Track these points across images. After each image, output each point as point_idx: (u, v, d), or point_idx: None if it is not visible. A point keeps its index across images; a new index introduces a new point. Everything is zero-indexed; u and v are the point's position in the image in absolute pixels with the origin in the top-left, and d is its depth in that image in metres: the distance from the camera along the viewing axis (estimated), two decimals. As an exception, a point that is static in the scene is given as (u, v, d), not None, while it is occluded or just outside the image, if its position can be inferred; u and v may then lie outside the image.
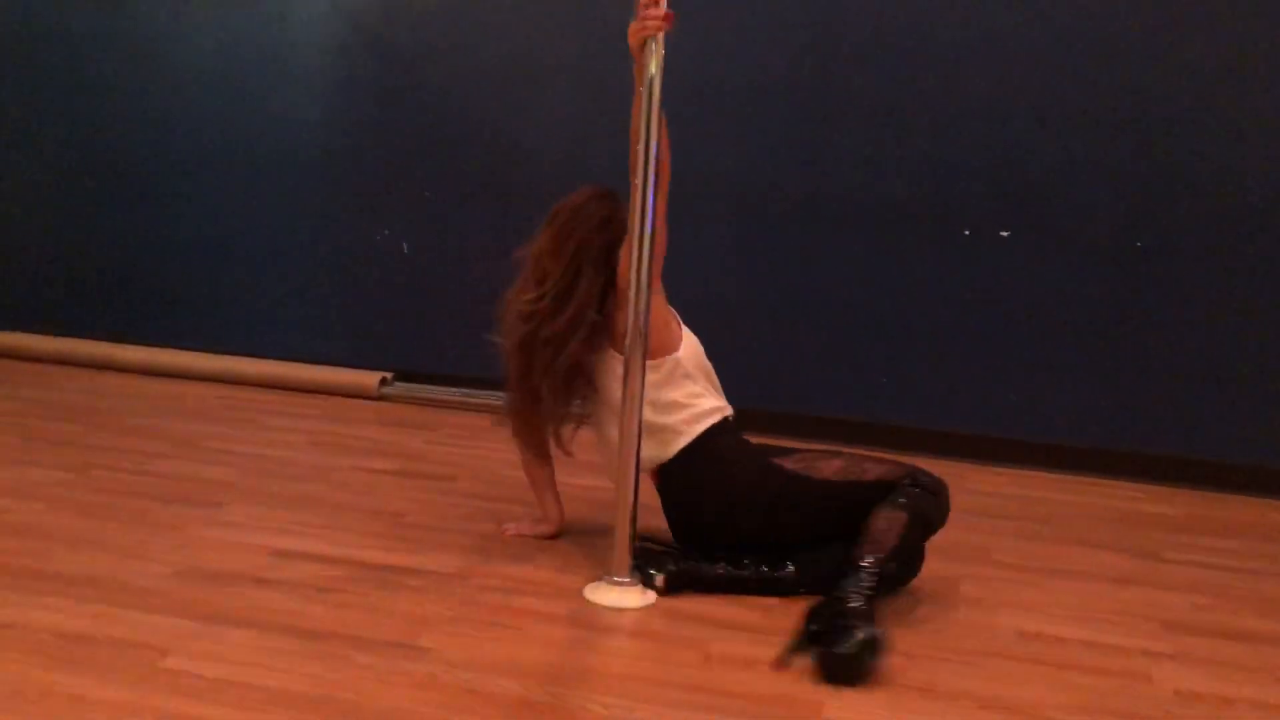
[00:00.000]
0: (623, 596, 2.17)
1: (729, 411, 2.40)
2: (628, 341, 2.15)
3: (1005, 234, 3.54)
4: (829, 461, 2.29)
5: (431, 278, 4.09)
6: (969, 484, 3.29)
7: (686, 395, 2.34)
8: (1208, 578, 2.54)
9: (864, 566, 2.08)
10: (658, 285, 2.26)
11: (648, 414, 2.24)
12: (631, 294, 2.14)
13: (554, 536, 2.52)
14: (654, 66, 2.10)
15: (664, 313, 2.34)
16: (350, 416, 3.72)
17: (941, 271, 3.60)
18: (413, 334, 4.14)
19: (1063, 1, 3.41)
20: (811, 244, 3.68)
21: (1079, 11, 3.41)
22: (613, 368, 2.31)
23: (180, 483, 2.82)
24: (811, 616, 2.02)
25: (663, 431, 2.32)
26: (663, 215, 2.18)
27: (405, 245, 4.11)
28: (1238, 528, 3.01)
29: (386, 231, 4.12)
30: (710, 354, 2.47)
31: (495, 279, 4.09)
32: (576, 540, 2.51)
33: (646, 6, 2.08)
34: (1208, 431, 3.42)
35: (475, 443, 3.42)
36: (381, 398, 4.00)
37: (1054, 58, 3.44)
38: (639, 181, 2.11)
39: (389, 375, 4.05)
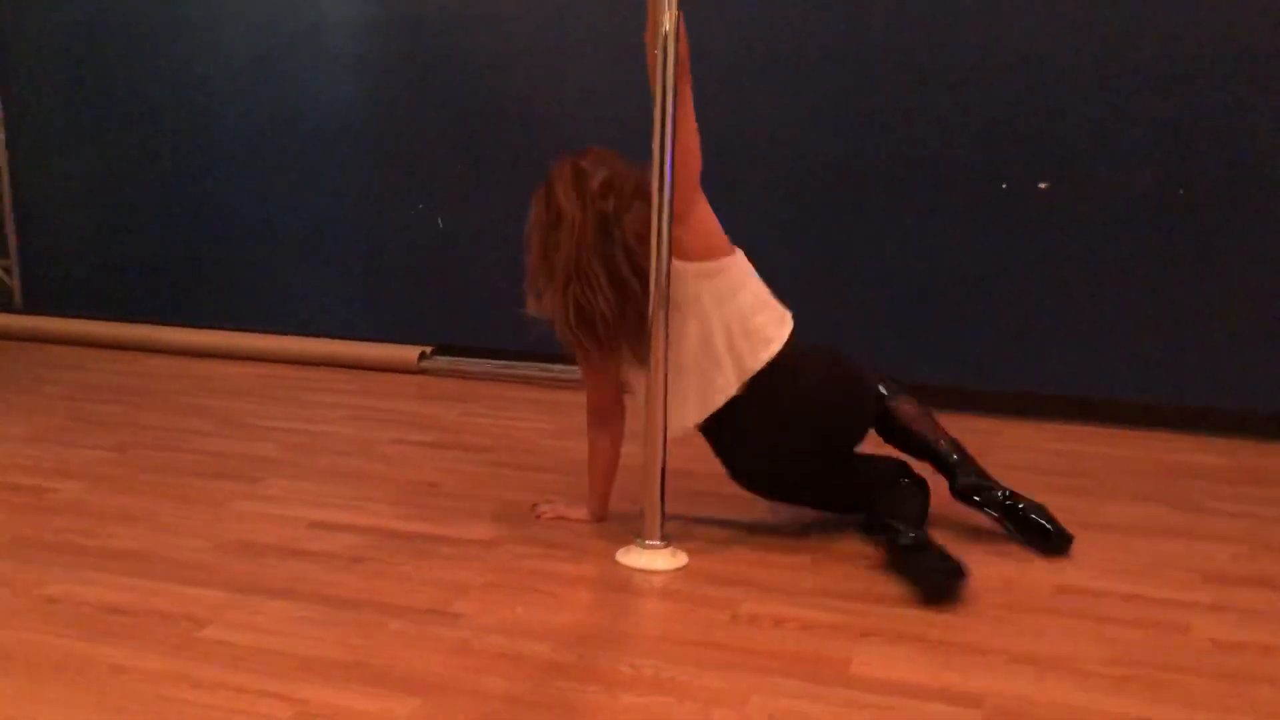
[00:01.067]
0: (654, 559, 2.18)
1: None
2: (650, 307, 2.14)
3: (1044, 185, 3.49)
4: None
5: (467, 251, 4.11)
6: (1011, 440, 3.25)
7: (765, 294, 2.29)
8: (1250, 528, 2.50)
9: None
10: (698, 191, 2.20)
11: (728, 332, 2.20)
12: (654, 242, 2.11)
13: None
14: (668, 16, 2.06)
15: (711, 217, 2.24)
16: (390, 391, 3.75)
17: (980, 227, 3.55)
18: (451, 308, 4.16)
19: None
20: (848, 205, 3.64)
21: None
22: (682, 278, 2.18)
23: (221, 459, 2.87)
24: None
25: (750, 337, 2.22)
26: (690, 118, 2.12)
27: (440, 220, 4.13)
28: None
29: (420, 206, 4.14)
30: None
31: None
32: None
33: None
34: (1255, 381, 3.35)
35: (513, 414, 3.44)
36: (421, 371, 4.04)
37: (1089, 6, 3.36)
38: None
39: (428, 350, 4.07)
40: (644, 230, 2.13)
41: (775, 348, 2.24)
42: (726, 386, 2.22)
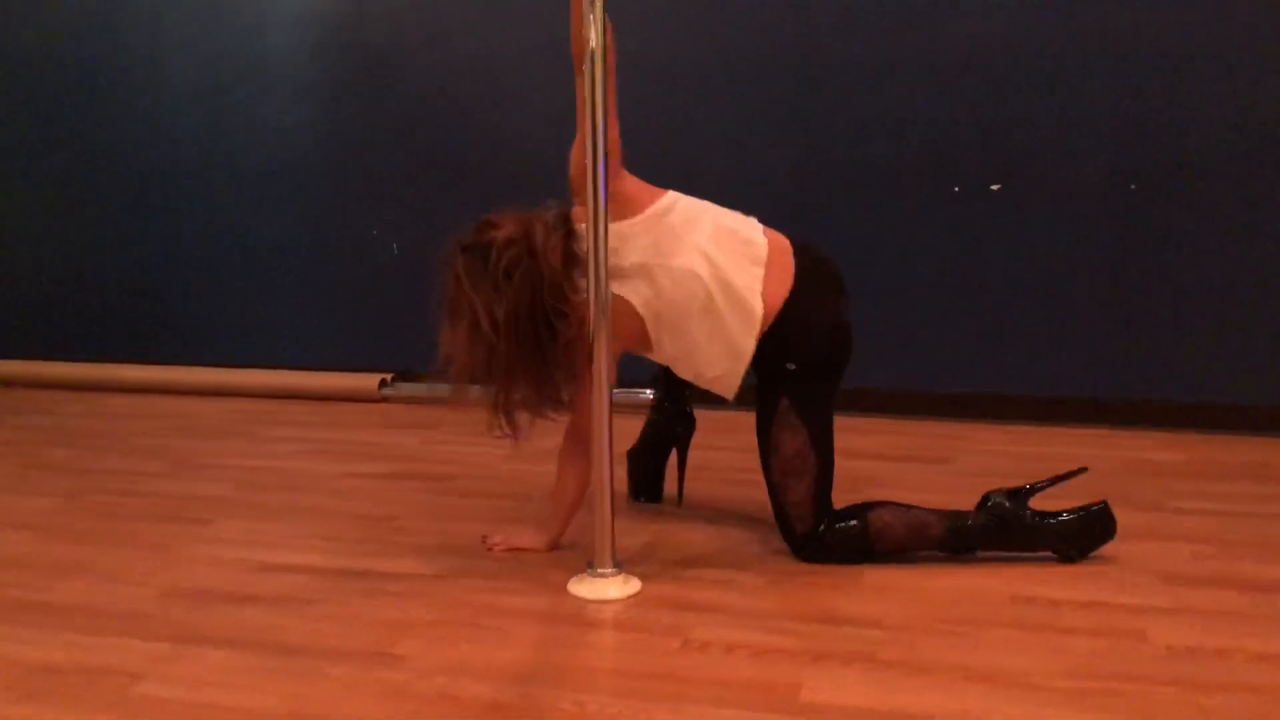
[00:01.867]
0: (605, 588, 2.14)
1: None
2: (590, 324, 2.10)
3: (996, 188, 3.47)
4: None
5: (424, 275, 4.06)
6: (973, 445, 3.24)
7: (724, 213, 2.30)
8: (1211, 525, 2.48)
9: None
10: (621, 170, 2.19)
11: (713, 265, 2.17)
12: (590, 275, 2.08)
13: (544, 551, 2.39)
14: (595, 31, 2.03)
15: (637, 183, 2.22)
16: (351, 421, 3.71)
17: (934, 230, 3.54)
18: (410, 333, 4.11)
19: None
20: (801, 211, 3.61)
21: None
22: (629, 238, 2.18)
23: (173, 501, 2.82)
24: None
25: (741, 253, 2.21)
26: (612, 109, 2.08)
27: (395, 245, 4.09)
28: (1246, 470, 2.94)
29: (375, 232, 4.11)
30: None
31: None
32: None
33: None
34: (1213, 374, 3.35)
35: (473, 439, 3.40)
36: (383, 399, 4.00)
37: (1033, 4, 3.35)
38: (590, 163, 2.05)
39: (389, 377, 4.04)
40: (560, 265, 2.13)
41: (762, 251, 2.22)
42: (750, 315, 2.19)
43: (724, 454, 3.07)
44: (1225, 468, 2.96)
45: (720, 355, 2.22)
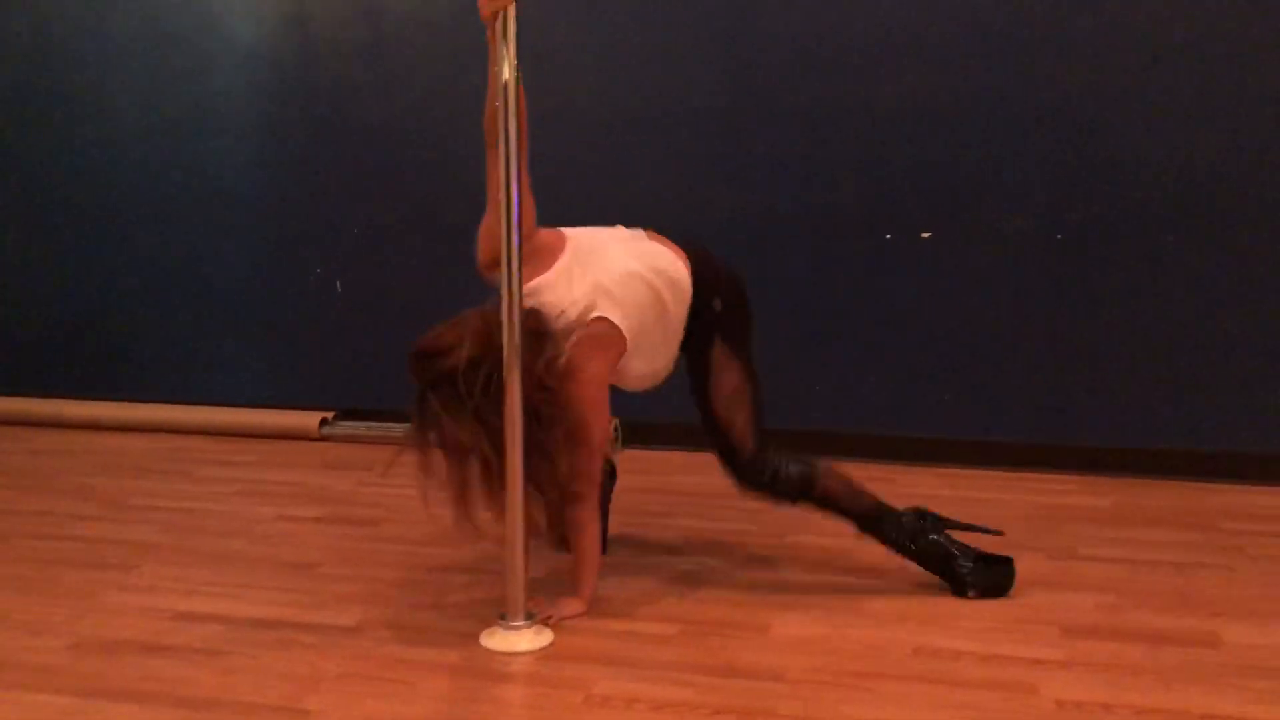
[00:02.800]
0: (517, 640, 2.16)
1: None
2: (505, 354, 2.11)
3: (926, 235, 3.54)
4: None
5: (366, 314, 4.10)
6: (900, 488, 3.27)
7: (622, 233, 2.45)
8: (1120, 574, 2.53)
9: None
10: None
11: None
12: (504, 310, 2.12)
13: None
14: (506, 53, 2.07)
15: (537, 239, 2.31)
16: (289, 461, 3.72)
17: (867, 275, 3.59)
18: (352, 372, 4.14)
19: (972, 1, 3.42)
20: (736, 256, 3.65)
21: (987, 9, 3.40)
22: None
23: (99, 546, 2.82)
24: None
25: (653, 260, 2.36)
26: (527, 186, 2.18)
27: (338, 284, 4.11)
28: (1165, 515, 3.00)
29: (319, 271, 4.12)
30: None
31: (428, 311, 4.10)
32: (480, 578, 2.51)
33: None
34: (1139, 418, 3.41)
35: (407, 480, 3.40)
36: (323, 438, 4.01)
37: (966, 55, 3.43)
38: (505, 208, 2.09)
39: (329, 415, 4.05)
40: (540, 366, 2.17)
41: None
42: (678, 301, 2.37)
43: (642, 496, 3.11)
44: (1146, 513, 3.02)
45: (670, 344, 2.41)
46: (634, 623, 2.27)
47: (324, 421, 4.03)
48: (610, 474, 2.72)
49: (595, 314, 2.25)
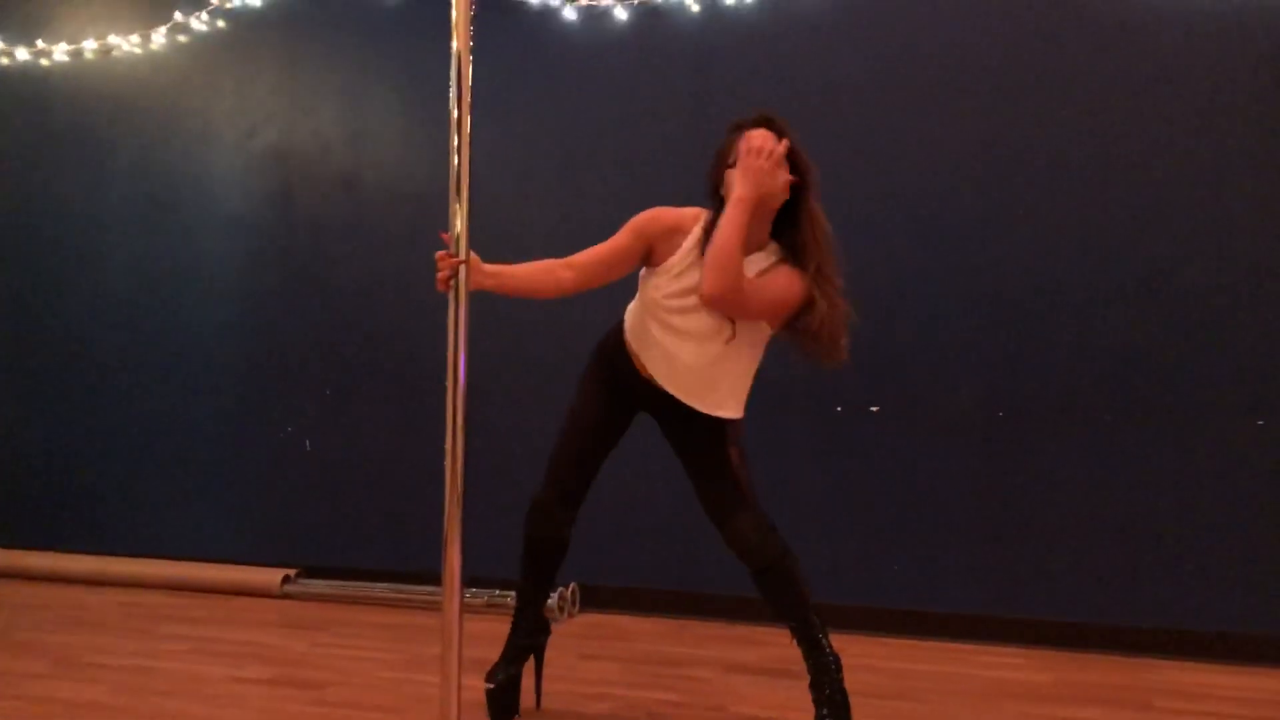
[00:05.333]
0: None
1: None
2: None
3: (875, 409, 3.66)
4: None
5: (333, 473, 4.19)
6: (849, 660, 3.30)
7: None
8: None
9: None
10: None
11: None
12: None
13: None
14: (460, 220, 2.37)
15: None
16: (249, 619, 3.75)
17: (817, 447, 3.71)
18: (317, 529, 4.21)
19: (918, 185, 3.62)
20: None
21: (922, 192, 3.61)
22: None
23: (43, 707, 2.84)
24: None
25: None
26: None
27: (307, 442, 4.22)
28: (1103, 692, 3.03)
29: (290, 429, 4.23)
30: (591, 533, 2.60)
31: (394, 472, 4.20)
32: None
33: (441, 259, 2.38)
34: (1080, 592, 3.47)
35: (361, 642, 3.46)
36: (285, 596, 4.05)
37: (905, 240, 3.62)
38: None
39: (292, 573, 4.10)
40: None
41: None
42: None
43: (603, 664, 3.15)
44: (1084, 690, 3.06)
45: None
46: None
47: (286, 578, 4.07)
48: (543, 628, 2.77)
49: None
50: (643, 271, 2.58)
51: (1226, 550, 3.37)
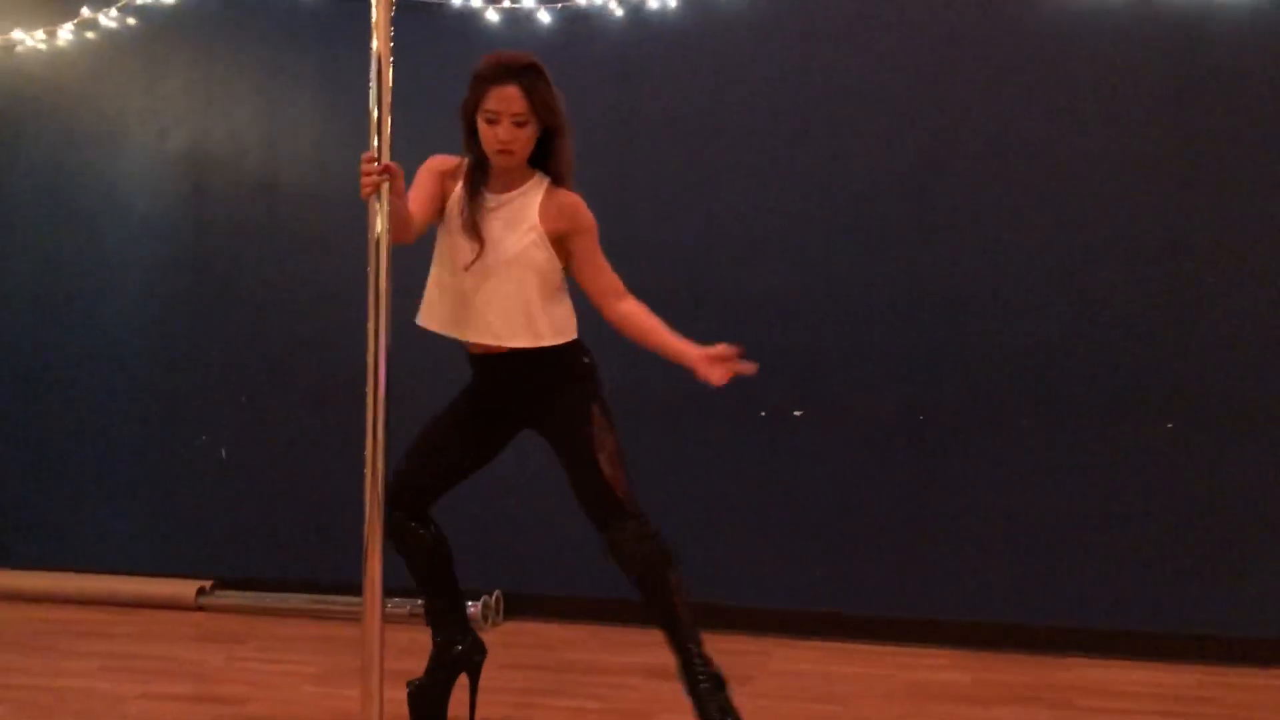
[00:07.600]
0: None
1: None
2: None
3: (798, 414, 3.69)
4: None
5: (249, 483, 4.10)
6: (773, 665, 3.34)
7: None
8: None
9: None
10: None
11: None
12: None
13: None
14: (380, 220, 2.32)
15: None
16: (164, 633, 3.66)
17: (741, 452, 3.72)
18: (233, 540, 4.11)
19: (840, 194, 3.65)
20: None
21: (845, 197, 3.64)
22: None
23: (-54, 729, 2.75)
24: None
25: None
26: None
27: (223, 451, 4.12)
28: (1023, 691, 3.09)
29: (204, 438, 4.13)
30: (515, 542, 2.53)
31: (311, 482, 4.12)
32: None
33: (366, 163, 2.26)
34: (999, 593, 3.53)
35: (281, 655, 3.39)
36: (201, 608, 3.95)
37: (826, 245, 3.65)
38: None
39: (208, 584, 4.00)
40: None
41: None
42: None
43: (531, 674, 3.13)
44: (1004, 689, 3.11)
45: None
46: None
47: (201, 590, 3.98)
48: (479, 648, 2.73)
49: None
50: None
51: (1140, 550, 3.45)
